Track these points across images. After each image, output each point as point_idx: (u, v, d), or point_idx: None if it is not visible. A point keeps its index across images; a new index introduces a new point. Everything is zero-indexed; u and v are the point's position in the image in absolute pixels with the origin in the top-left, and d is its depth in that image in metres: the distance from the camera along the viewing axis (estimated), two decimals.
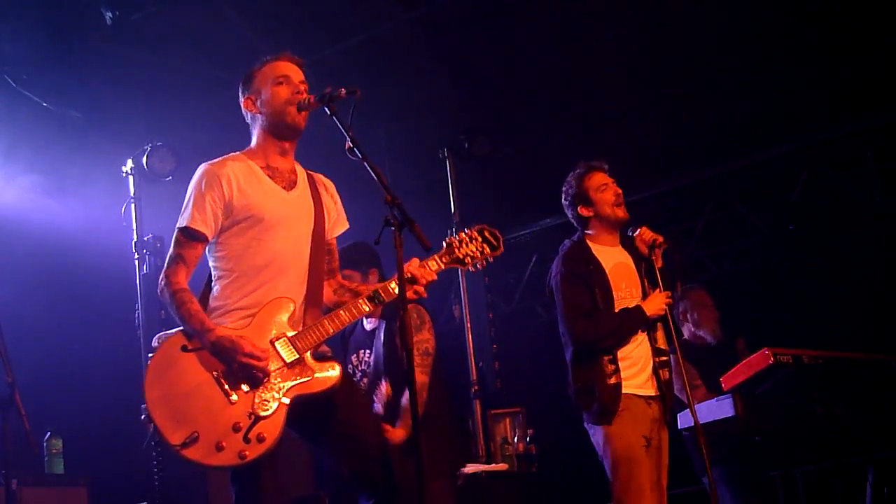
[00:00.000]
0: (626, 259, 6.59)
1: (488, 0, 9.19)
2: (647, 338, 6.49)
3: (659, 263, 6.35)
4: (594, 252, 6.55)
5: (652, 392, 6.44)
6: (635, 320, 6.42)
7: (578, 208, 6.61)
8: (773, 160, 10.06)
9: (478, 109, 10.22)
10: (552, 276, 6.63)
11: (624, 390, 6.36)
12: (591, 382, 6.38)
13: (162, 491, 6.60)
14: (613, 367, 6.39)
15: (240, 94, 5.20)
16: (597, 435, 6.43)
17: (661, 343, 6.61)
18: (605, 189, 6.60)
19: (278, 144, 5.12)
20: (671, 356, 7.74)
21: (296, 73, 5.13)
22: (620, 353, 6.40)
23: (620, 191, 6.63)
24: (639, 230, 6.47)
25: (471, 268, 5.27)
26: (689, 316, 8.19)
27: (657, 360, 6.53)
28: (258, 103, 5.10)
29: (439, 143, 10.27)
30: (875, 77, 9.10)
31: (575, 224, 6.72)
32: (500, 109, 10.27)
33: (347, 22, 9.23)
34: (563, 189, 6.71)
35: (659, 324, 6.60)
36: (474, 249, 5.24)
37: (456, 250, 5.20)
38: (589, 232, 6.64)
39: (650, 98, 9.62)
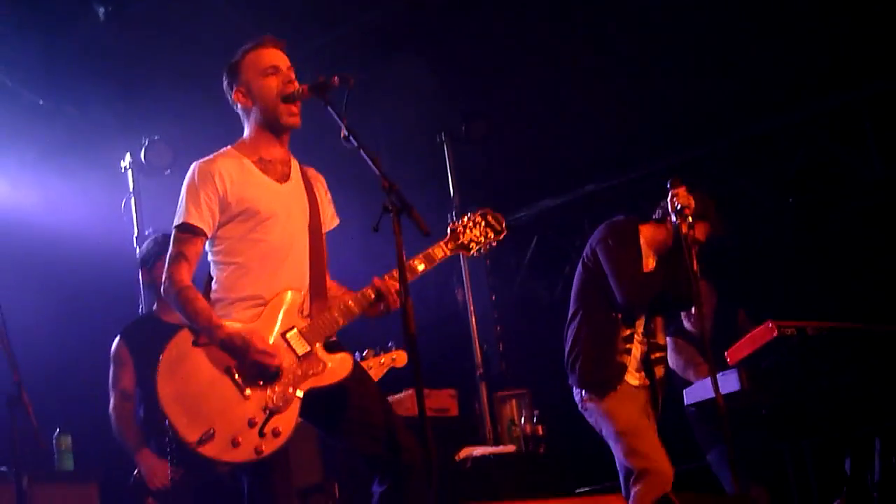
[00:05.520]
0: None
1: None
2: (642, 330, 6.52)
3: (684, 230, 6.19)
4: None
5: (637, 382, 6.47)
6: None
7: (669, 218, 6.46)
8: (772, 133, 10.05)
9: (474, 93, 10.21)
10: (599, 240, 6.62)
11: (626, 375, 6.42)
12: (601, 354, 6.40)
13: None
14: (628, 345, 6.42)
15: (226, 86, 5.16)
16: (593, 415, 6.44)
17: (661, 339, 6.63)
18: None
19: (271, 138, 5.09)
20: (672, 338, 7.76)
21: (282, 60, 5.08)
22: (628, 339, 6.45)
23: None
24: (679, 188, 6.29)
25: (475, 253, 5.25)
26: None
27: (655, 355, 6.55)
28: (249, 97, 5.07)
29: (436, 128, 10.27)
30: (872, 46, 9.08)
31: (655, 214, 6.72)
32: (497, 92, 10.26)
33: (341, 9, 9.22)
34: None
35: (658, 318, 6.62)
36: (478, 234, 5.22)
37: (460, 236, 5.19)
38: (646, 229, 6.65)
39: (646, 74, 9.60)
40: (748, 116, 9.97)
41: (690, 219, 6.19)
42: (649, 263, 6.59)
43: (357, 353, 6.58)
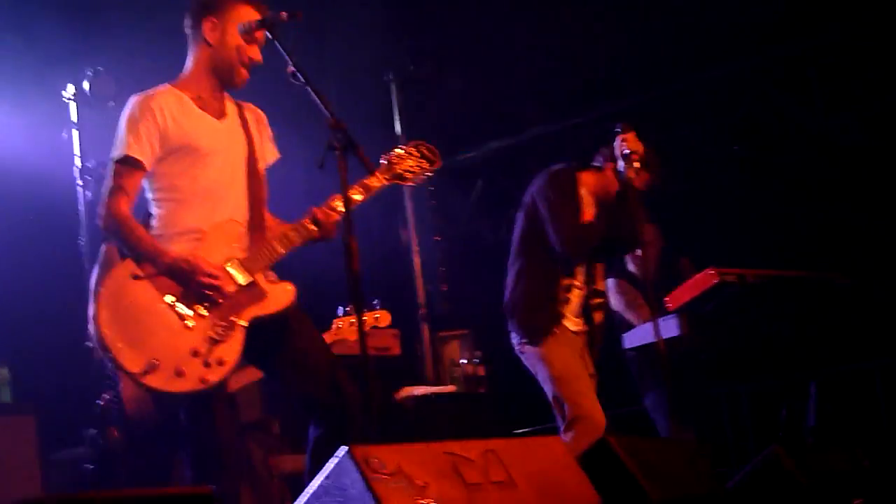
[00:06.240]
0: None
1: None
2: (583, 280, 6.56)
3: (630, 174, 6.20)
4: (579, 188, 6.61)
5: (575, 328, 6.53)
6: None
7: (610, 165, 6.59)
8: (717, 80, 10.06)
9: (423, 32, 10.15)
10: (538, 189, 6.63)
11: (563, 321, 6.46)
12: (539, 302, 6.45)
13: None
14: (567, 294, 6.46)
15: (197, 7, 5.09)
16: (530, 359, 6.51)
17: (601, 284, 6.68)
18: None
19: (214, 83, 5.07)
20: (615, 280, 7.80)
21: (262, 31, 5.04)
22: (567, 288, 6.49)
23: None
24: (629, 133, 6.26)
25: (411, 183, 5.33)
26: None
27: (594, 301, 6.59)
28: (217, 37, 5.00)
29: (384, 67, 10.21)
30: None
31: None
32: (446, 32, 10.21)
33: None
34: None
35: (598, 264, 6.66)
36: (413, 164, 5.30)
37: (395, 166, 5.24)
38: (586, 176, 6.67)
39: (596, 17, 9.58)
40: (695, 63, 9.97)
41: (637, 164, 6.21)
42: (589, 212, 6.62)
43: (340, 308, 6.59)
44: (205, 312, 4.78)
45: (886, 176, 9.26)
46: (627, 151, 6.22)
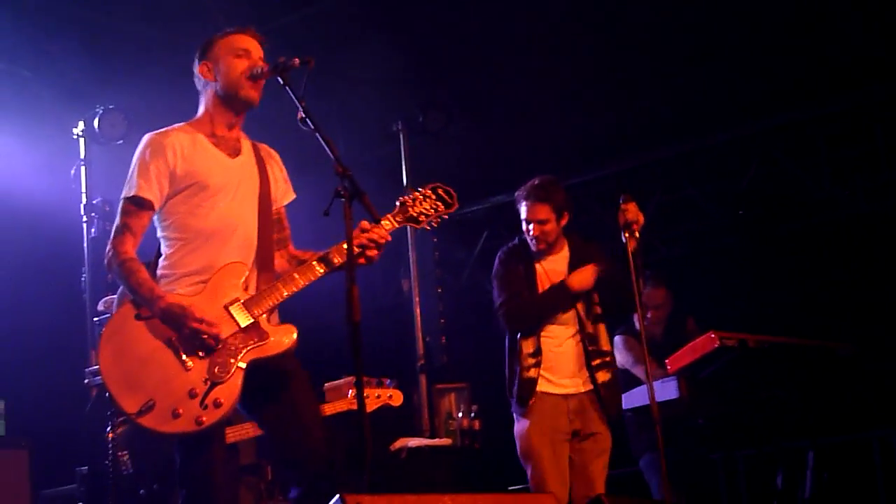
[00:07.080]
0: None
1: None
2: (578, 338, 6.56)
3: (632, 244, 6.21)
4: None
5: (572, 391, 6.52)
6: (558, 293, 6.53)
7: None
8: (726, 145, 10.10)
9: (433, 84, 10.19)
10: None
11: (539, 387, 6.46)
12: (513, 372, 6.53)
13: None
14: (534, 360, 6.48)
15: (195, 60, 5.16)
16: (516, 428, 6.62)
17: (605, 343, 6.67)
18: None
19: (227, 115, 5.09)
20: (622, 337, 7.82)
21: (256, 49, 5.10)
22: (543, 348, 6.51)
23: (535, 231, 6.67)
24: (630, 204, 6.29)
25: (425, 226, 5.27)
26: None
27: (597, 361, 6.58)
28: (214, 71, 5.07)
29: (393, 116, 10.25)
30: (828, 66, 9.16)
31: None
32: (456, 84, 10.25)
33: None
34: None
35: (601, 324, 6.66)
36: (428, 207, 5.25)
37: (409, 209, 5.21)
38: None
39: (605, 78, 9.62)
40: (703, 128, 10.01)
41: (637, 234, 6.26)
42: (545, 280, 6.67)
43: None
44: (203, 354, 4.78)
45: (891, 245, 9.27)
46: (628, 221, 6.25)
